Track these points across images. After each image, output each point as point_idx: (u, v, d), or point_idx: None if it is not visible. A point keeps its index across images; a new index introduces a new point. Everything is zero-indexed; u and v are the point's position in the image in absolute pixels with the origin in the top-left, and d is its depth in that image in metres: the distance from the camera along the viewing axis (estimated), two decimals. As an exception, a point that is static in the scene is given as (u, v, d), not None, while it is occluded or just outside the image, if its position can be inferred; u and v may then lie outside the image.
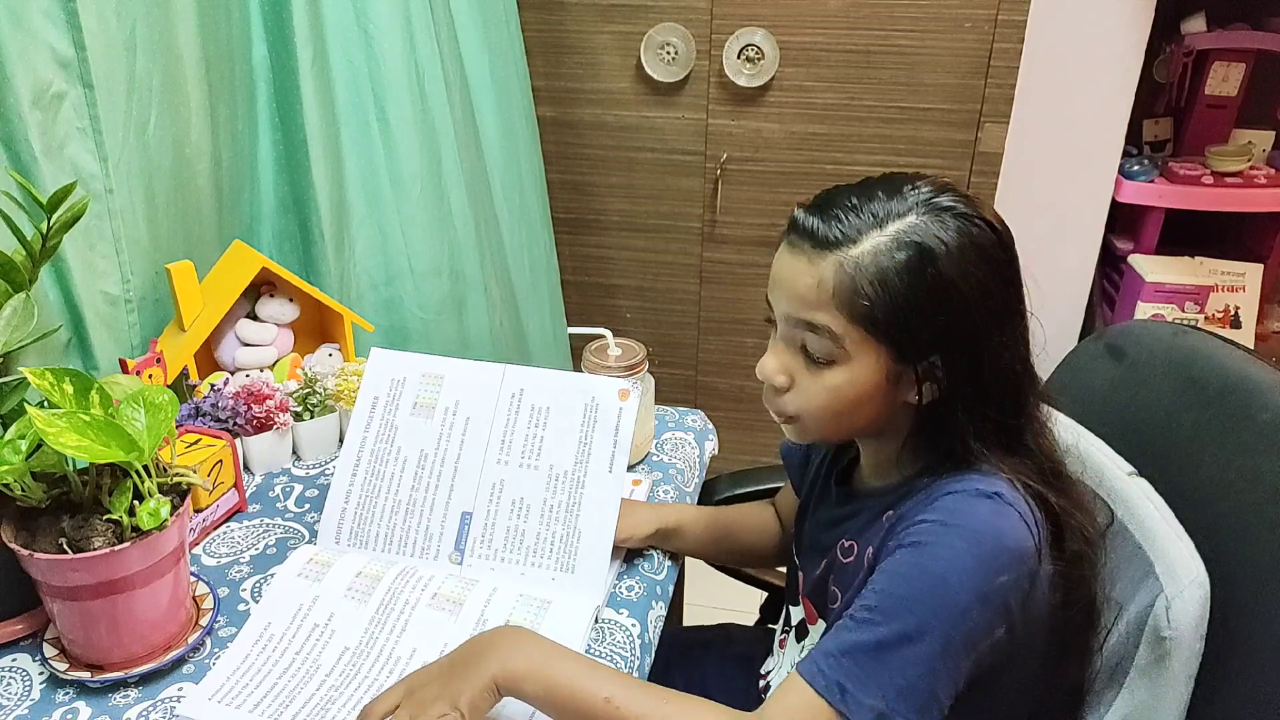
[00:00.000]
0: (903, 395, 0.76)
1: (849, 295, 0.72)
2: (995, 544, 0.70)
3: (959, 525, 0.70)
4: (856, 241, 0.72)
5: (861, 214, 0.72)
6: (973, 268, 0.71)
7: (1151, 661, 0.75)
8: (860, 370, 0.74)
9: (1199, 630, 0.74)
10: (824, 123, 1.85)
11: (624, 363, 1.08)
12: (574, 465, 0.95)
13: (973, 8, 1.70)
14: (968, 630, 0.69)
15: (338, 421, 1.16)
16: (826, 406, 0.77)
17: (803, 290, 0.74)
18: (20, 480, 0.76)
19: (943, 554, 0.69)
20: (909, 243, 0.71)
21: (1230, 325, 1.79)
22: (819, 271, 0.73)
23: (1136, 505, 0.80)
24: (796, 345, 0.77)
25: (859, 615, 0.71)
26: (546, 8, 1.84)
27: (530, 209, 1.76)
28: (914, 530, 0.72)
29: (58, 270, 1.02)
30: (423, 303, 1.51)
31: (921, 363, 0.73)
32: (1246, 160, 1.72)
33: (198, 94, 1.17)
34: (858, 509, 0.86)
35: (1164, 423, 0.88)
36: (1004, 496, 0.71)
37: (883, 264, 0.71)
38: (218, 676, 0.81)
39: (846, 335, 0.73)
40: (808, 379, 0.77)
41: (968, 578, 0.68)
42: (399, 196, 1.44)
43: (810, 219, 0.74)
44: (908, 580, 0.70)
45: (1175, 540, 0.76)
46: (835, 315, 0.72)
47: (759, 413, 2.20)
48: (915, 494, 0.77)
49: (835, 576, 0.85)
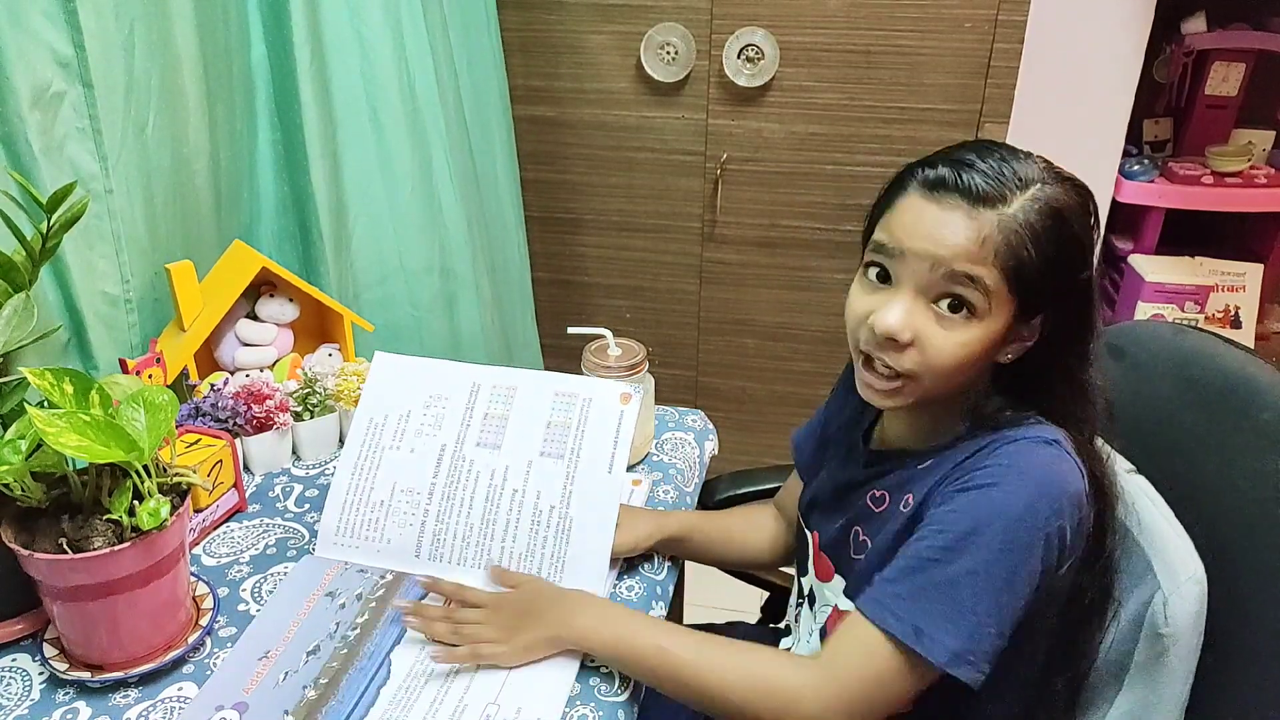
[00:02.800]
0: (1001, 351, 0.78)
1: (1010, 253, 0.72)
2: (1059, 487, 0.73)
3: (1024, 468, 0.73)
4: (1009, 201, 0.73)
5: (1004, 176, 0.73)
6: (1089, 234, 0.76)
7: (1150, 658, 0.75)
8: (994, 326, 0.75)
9: (1197, 627, 0.74)
10: (824, 123, 1.85)
11: (624, 363, 1.08)
12: (573, 467, 0.95)
13: (973, 8, 1.70)
14: (1030, 568, 0.71)
15: (338, 421, 1.16)
16: (955, 362, 0.75)
17: (964, 243, 0.73)
18: (20, 480, 0.76)
19: (1012, 492, 0.72)
20: (1052, 208, 0.73)
21: (1230, 325, 1.79)
22: (980, 227, 0.72)
23: (1135, 502, 0.81)
24: (931, 297, 0.75)
25: (925, 554, 0.72)
26: (546, 7, 1.84)
27: (504, 209, 1.77)
28: (978, 474, 0.74)
29: (57, 270, 1.02)
30: (415, 300, 1.52)
31: (1034, 320, 0.76)
32: (1246, 160, 1.72)
33: (196, 94, 1.17)
34: (886, 469, 0.86)
35: (1164, 422, 0.88)
36: (1063, 444, 0.75)
37: (1034, 224, 0.73)
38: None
39: (997, 291, 0.73)
40: (938, 334, 0.75)
41: (1034, 516, 0.71)
42: (391, 195, 1.44)
43: (964, 175, 0.73)
44: (975, 518, 0.72)
45: (1173, 537, 0.77)
46: (992, 270, 0.73)
47: (759, 413, 2.21)
48: (960, 449, 0.78)
49: (863, 526, 0.86)
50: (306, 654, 0.84)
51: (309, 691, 0.79)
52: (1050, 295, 0.75)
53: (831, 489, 0.93)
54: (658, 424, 1.21)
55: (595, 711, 0.79)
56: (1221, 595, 0.75)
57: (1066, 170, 0.78)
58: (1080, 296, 0.77)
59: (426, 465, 0.97)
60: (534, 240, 2.02)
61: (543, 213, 2.03)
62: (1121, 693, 0.77)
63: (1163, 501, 0.81)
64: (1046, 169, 0.76)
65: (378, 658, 0.83)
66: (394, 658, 0.83)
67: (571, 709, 0.79)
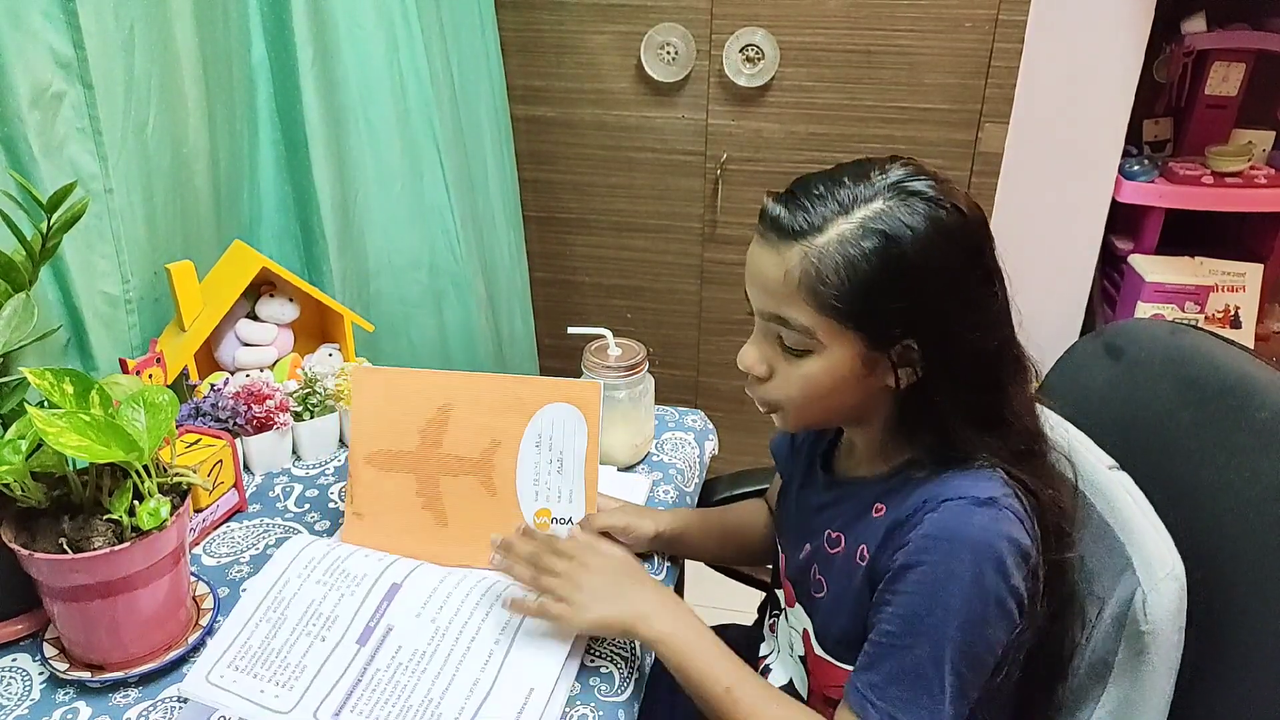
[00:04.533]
0: (880, 381, 0.76)
1: (815, 286, 0.71)
2: (1000, 551, 0.71)
3: (963, 539, 0.71)
4: (822, 230, 0.71)
5: (828, 202, 0.72)
6: (939, 253, 0.71)
7: (1131, 656, 0.75)
8: (835, 359, 0.74)
9: (1176, 623, 0.74)
10: (824, 123, 1.85)
11: (624, 363, 1.08)
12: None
13: (973, 8, 1.70)
14: (991, 636, 0.72)
15: (337, 421, 1.16)
16: (804, 395, 0.78)
17: (771, 283, 0.74)
18: (20, 480, 0.76)
19: (955, 570, 0.70)
20: (874, 230, 0.70)
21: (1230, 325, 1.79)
22: (785, 263, 0.73)
23: (1115, 499, 0.81)
24: (773, 337, 0.77)
25: (888, 639, 0.73)
26: (546, 7, 1.84)
27: (494, 208, 1.77)
28: (919, 547, 0.72)
29: (57, 270, 1.02)
30: (403, 296, 1.52)
31: (895, 348, 0.74)
32: (1246, 160, 1.72)
33: (196, 94, 1.17)
34: (842, 496, 0.86)
35: (1161, 421, 0.88)
36: (998, 501, 0.72)
37: (848, 252, 0.70)
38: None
39: (817, 326, 0.73)
40: (785, 368, 0.78)
41: (982, 587, 0.70)
42: (384, 192, 1.45)
43: (776, 208, 0.74)
44: (927, 598, 0.71)
45: (1152, 533, 0.76)
46: (803, 307, 0.73)
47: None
48: (905, 488, 0.78)
49: (820, 565, 0.86)
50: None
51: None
52: (897, 322, 0.72)
53: (795, 509, 0.94)
54: (658, 424, 1.21)
55: (595, 711, 0.79)
56: (1217, 593, 0.75)
57: (936, 188, 0.72)
58: (948, 323, 0.72)
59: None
60: (534, 240, 2.02)
61: (542, 213, 2.03)
62: (1106, 692, 0.77)
63: (1144, 498, 0.80)
64: (894, 186, 0.72)
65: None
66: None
67: (571, 709, 0.79)
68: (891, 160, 0.75)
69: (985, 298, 0.74)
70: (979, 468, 0.75)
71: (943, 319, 0.72)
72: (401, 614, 0.85)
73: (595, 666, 0.84)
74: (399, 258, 1.51)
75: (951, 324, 0.72)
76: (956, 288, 0.72)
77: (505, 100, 1.83)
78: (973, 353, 0.74)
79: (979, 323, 0.73)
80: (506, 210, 1.82)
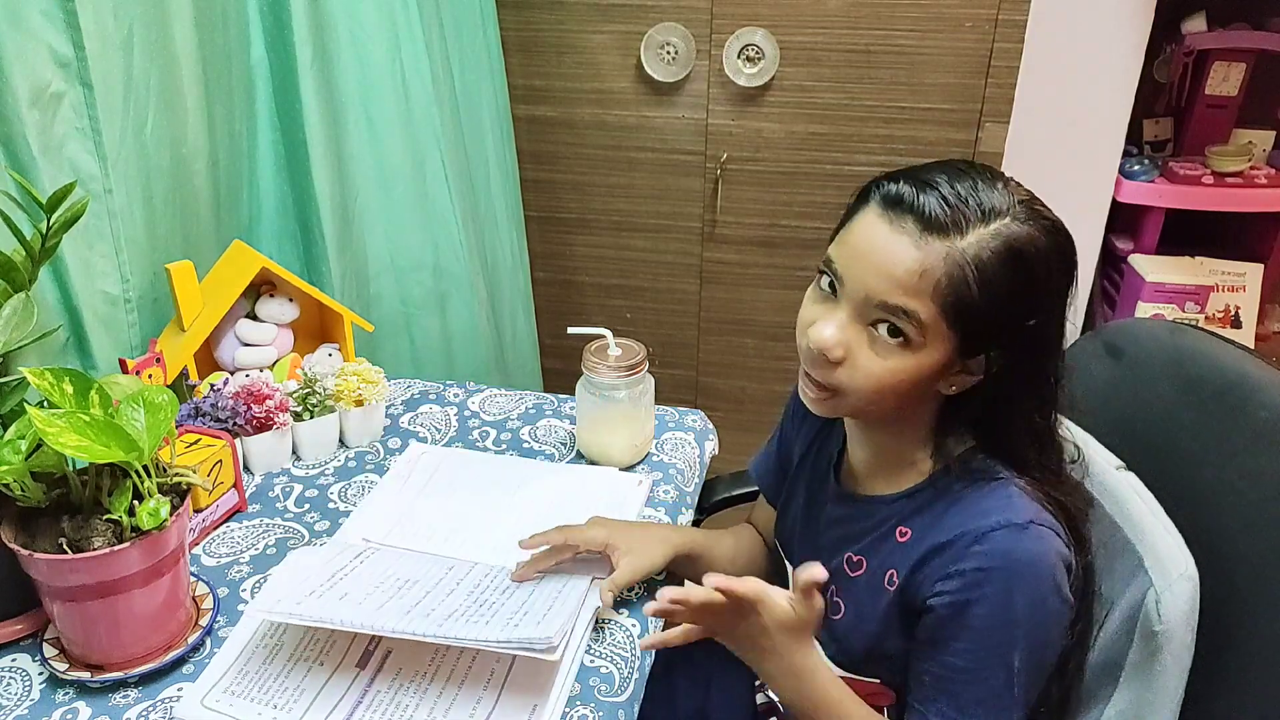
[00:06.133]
0: (944, 384, 0.76)
1: (951, 289, 0.70)
2: (1054, 572, 0.73)
3: (1018, 568, 0.72)
4: (964, 233, 0.70)
5: (969, 204, 0.70)
6: (1055, 275, 0.73)
7: (1144, 657, 0.75)
8: (928, 358, 0.73)
9: (1189, 623, 0.74)
10: (824, 123, 1.85)
11: (624, 363, 1.08)
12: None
13: (973, 8, 1.70)
14: (1052, 649, 0.74)
15: (337, 422, 1.16)
16: (880, 387, 0.74)
17: (903, 274, 0.70)
18: (20, 480, 0.76)
19: (1016, 600, 0.72)
20: (1015, 250, 0.70)
21: (1231, 325, 1.78)
22: (925, 258, 0.70)
23: (1125, 500, 0.81)
24: (867, 321, 0.74)
25: (958, 675, 0.74)
26: (546, 7, 1.84)
27: (496, 208, 1.77)
28: (973, 581, 0.73)
29: (57, 270, 1.02)
30: (405, 297, 1.52)
31: (979, 357, 0.74)
32: (1247, 160, 1.72)
33: (194, 94, 1.17)
34: (858, 514, 0.85)
35: (1162, 421, 0.88)
36: (1036, 520, 0.73)
37: (985, 261, 0.69)
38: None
39: (931, 325, 0.71)
40: (868, 357, 0.74)
41: (1045, 611, 0.72)
42: (386, 193, 1.44)
43: (921, 197, 0.70)
44: (995, 633, 0.72)
45: (1164, 534, 0.76)
46: (928, 304, 0.70)
47: (759, 413, 2.21)
48: (929, 510, 0.78)
49: (840, 587, 0.85)
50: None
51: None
52: (998, 336, 0.72)
53: (804, 526, 0.93)
54: (658, 424, 1.21)
55: (595, 712, 0.79)
56: (1218, 594, 0.75)
57: (1048, 210, 0.74)
58: (1035, 341, 0.74)
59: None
60: (534, 240, 2.02)
61: (543, 212, 2.03)
62: (1117, 692, 0.77)
63: (1153, 498, 0.80)
64: (1023, 204, 0.72)
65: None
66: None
67: (572, 709, 0.79)
68: (1004, 175, 0.75)
69: (1063, 317, 0.76)
70: (994, 480, 0.76)
71: (1039, 335, 0.74)
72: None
73: (595, 666, 0.84)
74: (402, 259, 1.50)
75: (1042, 340, 0.75)
76: (1057, 309, 0.74)
77: (507, 100, 1.83)
78: (1044, 367, 0.76)
79: (1058, 343, 0.76)
80: (509, 210, 1.82)
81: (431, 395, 1.30)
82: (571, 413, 1.25)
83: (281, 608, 0.80)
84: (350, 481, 1.11)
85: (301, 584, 0.85)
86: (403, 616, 0.80)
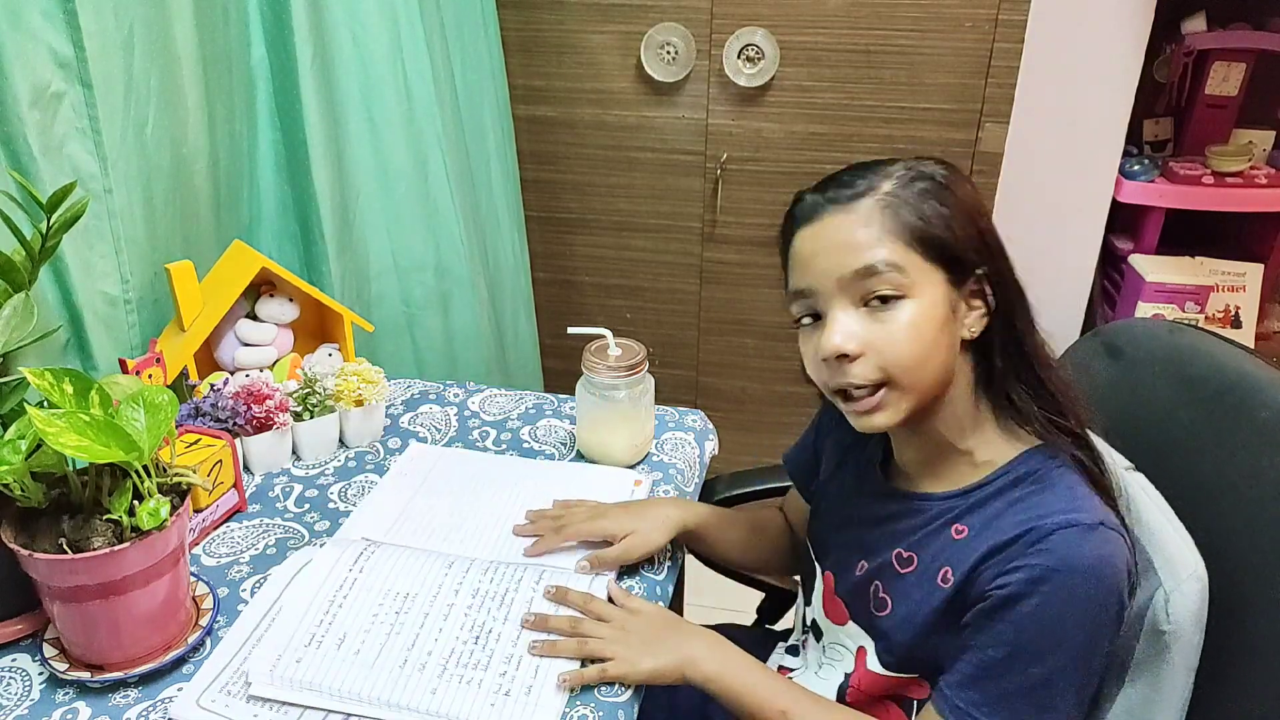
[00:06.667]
0: (959, 329, 0.78)
1: (899, 221, 0.74)
2: (1120, 581, 0.71)
3: (1082, 572, 0.70)
4: (876, 186, 0.76)
5: (866, 172, 0.77)
6: (972, 194, 0.78)
7: (1152, 656, 0.75)
8: (927, 300, 0.75)
9: (1199, 624, 0.74)
10: (824, 123, 1.85)
11: (624, 363, 1.08)
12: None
13: (973, 8, 1.70)
14: (1104, 650, 0.72)
15: (337, 422, 1.16)
16: (913, 349, 0.74)
17: (849, 239, 0.75)
18: (20, 480, 0.76)
19: (1074, 603, 0.70)
20: (919, 172, 0.76)
21: (1230, 325, 1.79)
22: (860, 215, 0.75)
23: (1135, 499, 0.80)
24: (857, 300, 0.75)
25: (998, 660, 0.72)
26: (546, 7, 1.84)
27: (498, 208, 1.77)
28: (1031, 578, 0.71)
29: (57, 270, 1.02)
30: (407, 298, 1.52)
31: (969, 283, 0.77)
32: (1247, 160, 1.72)
33: (195, 94, 1.17)
34: (906, 511, 0.84)
35: (1162, 421, 0.87)
36: (1106, 523, 0.72)
37: (911, 191, 0.75)
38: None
39: (907, 262, 0.74)
40: (882, 330, 0.74)
41: (1103, 618, 0.71)
42: (387, 193, 1.44)
43: (829, 187, 0.78)
44: (1037, 629, 0.71)
45: (1173, 534, 0.76)
46: (893, 245, 0.74)
47: (759, 413, 2.21)
48: (986, 507, 0.77)
49: (887, 584, 0.84)
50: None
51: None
52: (968, 249, 0.76)
53: (843, 523, 0.91)
54: (658, 424, 1.21)
55: (595, 712, 0.79)
56: (1220, 593, 0.75)
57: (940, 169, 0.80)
58: (997, 247, 0.78)
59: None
60: (534, 240, 2.02)
61: (543, 212, 2.03)
62: (1124, 690, 0.77)
63: (1161, 499, 0.80)
64: (910, 164, 0.78)
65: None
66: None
67: (571, 709, 0.79)
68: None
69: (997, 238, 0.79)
70: (1058, 475, 0.75)
71: (999, 251, 0.78)
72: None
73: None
74: (405, 259, 1.50)
75: (1003, 261, 0.78)
76: (992, 227, 0.78)
77: (508, 100, 1.84)
78: (1019, 291, 0.78)
79: (1012, 266, 0.79)
80: (510, 210, 1.82)
81: (431, 395, 1.30)
82: (571, 413, 1.25)
83: (282, 672, 0.80)
84: (350, 481, 1.11)
85: (301, 623, 0.85)
86: (395, 686, 0.79)
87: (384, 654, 0.82)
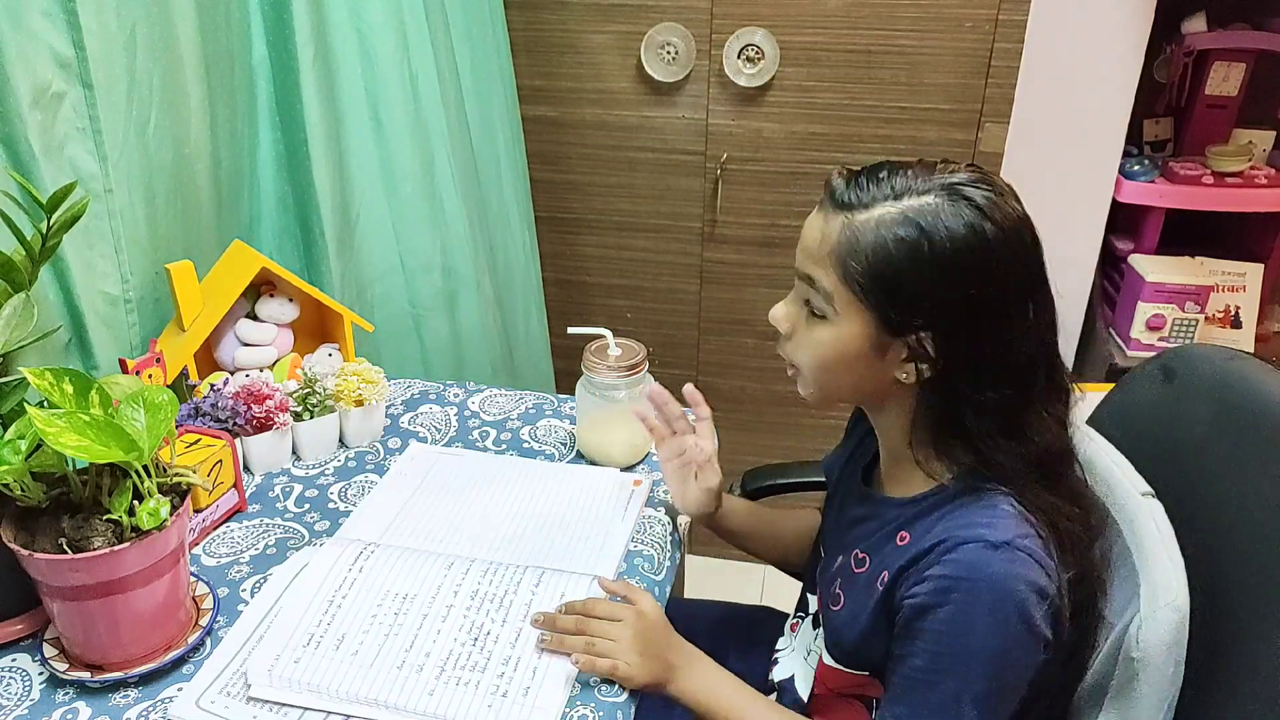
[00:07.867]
0: (892, 369, 0.77)
1: (844, 256, 0.75)
2: (1020, 597, 0.71)
3: (981, 584, 0.71)
4: (868, 209, 0.74)
5: (883, 185, 0.75)
6: (971, 260, 0.72)
7: (1123, 682, 0.75)
8: (846, 332, 0.77)
9: (1172, 655, 0.73)
10: (824, 123, 1.85)
11: (624, 363, 1.08)
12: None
13: (973, 8, 1.70)
14: (1016, 671, 0.73)
15: (337, 422, 1.16)
16: (813, 360, 0.80)
17: (810, 245, 0.78)
18: (20, 480, 0.76)
19: (975, 614, 0.72)
20: (913, 221, 0.72)
21: (1230, 325, 1.78)
22: (827, 229, 0.76)
23: (1140, 526, 0.80)
24: (802, 299, 0.80)
25: (915, 674, 0.75)
26: (547, 7, 1.84)
27: (508, 207, 1.77)
28: (938, 588, 0.73)
29: (57, 270, 1.02)
30: (414, 298, 1.52)
31: (909, 337, 0.75)
32: (1247, 160, 1.72)
33: (197, 94, 1.17)
34: (872, 514, 0.86)
35: (1198, 447, 0.86)
36: (1014, 543, 0.72)
37: (882, 235, 0.73)
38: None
39: (837, 293, 0.76)
40: (803, 331, 0.81)
41: (1004, 632, 0.71)
42: (392, 193, 1.44)
43: (838, 181, 0.77)
44: (951, 641, 0.73)
45: (1165, 563, 0.75)
46: (829, 272, 0.76)
47: (759, 413, 2.21)
48: (929, 518, 0.78)
49: (844, 582, 0.86)
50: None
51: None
52: (916, 313, 0.73)
53: (835, 519, 0.95)
54: (657, 424, 1.21)
55: (595, 712, 0.79)
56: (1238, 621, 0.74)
57: (991, 196, 0.74)
58: (965, 324, 0.73)
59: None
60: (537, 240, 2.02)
61: (543, 212, 2.03)
62: (1100, 715, 0.77)
63: (1169, 528, 0.79)
64: (950, 186, 0.73)
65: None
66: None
67: (571, 709, 0.79)
68: (966, 166, 0.77)
69: (1016, 313, 0.75)
70: (990, 495, 0.75)
71: (963, 322, 0.74)
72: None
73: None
74: (411, 260, 1.50)
75: (972, 329, 0.74)
76: (983, 296, 0.73)
77: (516, 100, 1.83)
78: (994, 359, 0.74)
79: (1003, 334, 0.74)
80: (520, 210, 1.82)
81: (431, 395, 1.30)
82: (571, 413, 1.25)
83: (281, 672, 0.80)
84: (350, 481, 1.11)
85: (300, 623, 0.85)
86: (393, 687, 0.79)
87: (382, 655, 0.82)
